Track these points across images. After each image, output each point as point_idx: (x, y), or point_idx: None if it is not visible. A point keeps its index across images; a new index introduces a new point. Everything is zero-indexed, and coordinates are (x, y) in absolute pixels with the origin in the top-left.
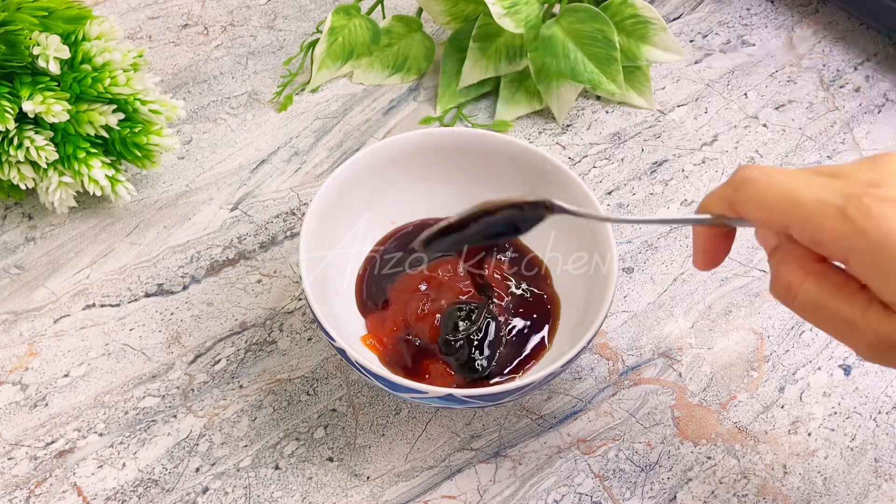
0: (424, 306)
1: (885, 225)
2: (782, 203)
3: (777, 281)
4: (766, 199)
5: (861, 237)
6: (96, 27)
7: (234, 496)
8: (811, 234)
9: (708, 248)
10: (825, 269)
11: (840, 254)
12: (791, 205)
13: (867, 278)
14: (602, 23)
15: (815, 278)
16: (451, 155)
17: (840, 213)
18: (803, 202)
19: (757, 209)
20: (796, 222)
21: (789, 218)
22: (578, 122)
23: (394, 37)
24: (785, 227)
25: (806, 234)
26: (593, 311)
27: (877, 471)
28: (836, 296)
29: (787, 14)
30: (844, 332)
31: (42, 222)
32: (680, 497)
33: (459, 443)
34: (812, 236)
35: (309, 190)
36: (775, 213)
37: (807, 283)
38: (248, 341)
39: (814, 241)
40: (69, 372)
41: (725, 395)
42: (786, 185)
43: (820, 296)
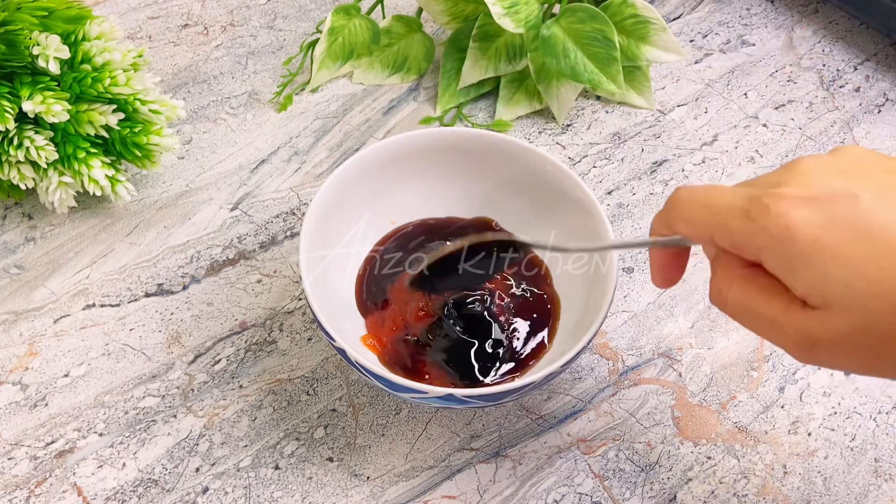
0: (424, 307)
1: (783, 220)
2: (702, 214)
3: (711, 288)
4: (690, 214)
5: (764, 234)
6: (96, 27)
7: (234, 496)
8: (727, 238)
9: (662, 268)
10: (751, 273)
11: (753, 254)
12: (708, 214)
13: (779, 275)
14: (602, 23)
15: (739, 282)
16: (451, 155)
17: (744, 214)
18: (716, 210)
19: (684, 224)
20: (715, 230)
21: (708, 227)
22: (578, 122)
23: (394, 37)
24: (708, 236)
25: (724, 239)
26: (593, 311)
27: (877, 471)
28: (758, 297)
29: (787, 14)
30: (770, 333)
31: (42, 222)
32: (680, 497)
33: (459, 443)
34: (729, 241)
35: (309, 190)
36: (697, 224)
37: (733, 288)
38: (248, 341)
39: (733, 245)
40: (69, 372)
41: (725, 395)
42: (704, 198)
43: (744, 298)
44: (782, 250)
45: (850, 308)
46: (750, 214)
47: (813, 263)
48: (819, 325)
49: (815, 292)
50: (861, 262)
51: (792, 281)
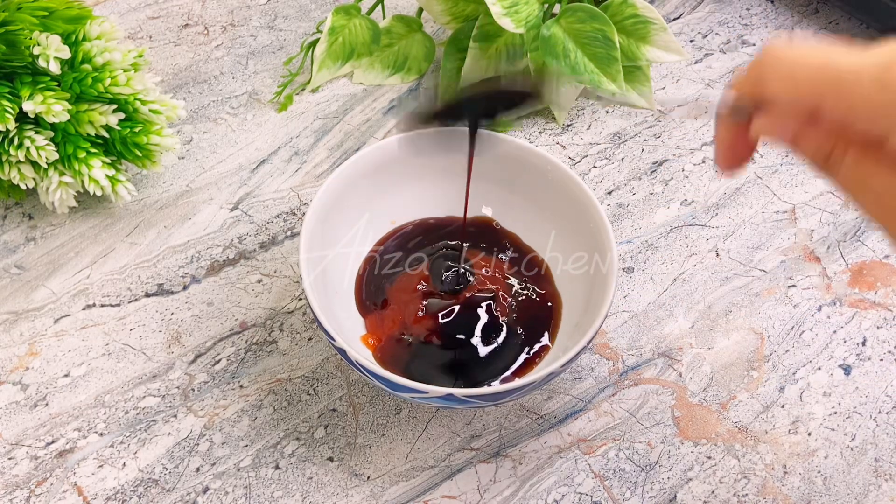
0: (423, 307)
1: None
2: (814, 75)
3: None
4: (796, 72)
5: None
6: (96, 27)
7: (234, 496)
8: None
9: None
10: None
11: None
12: (823, 76)
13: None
14: (602, 22)
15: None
16: (451, 155)
17: (876, 81)
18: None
19: (784, 83)
20: (829, 94)
21: (822, 90)
22: (578, 122)
23: (394, 37)
24: (817, 101)
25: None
26: (593, 311)
27: (877, 471)
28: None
29: (787, 14)
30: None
31: (42, 222)
32: (680, 497)
33: (459, 443)
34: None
35: (309, 190)
36: (806, 86)
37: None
38: (249, 341)
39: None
40: (69, 372)
41: (725, 395)
42: (817, 57)
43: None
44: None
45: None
46: (884, 82)
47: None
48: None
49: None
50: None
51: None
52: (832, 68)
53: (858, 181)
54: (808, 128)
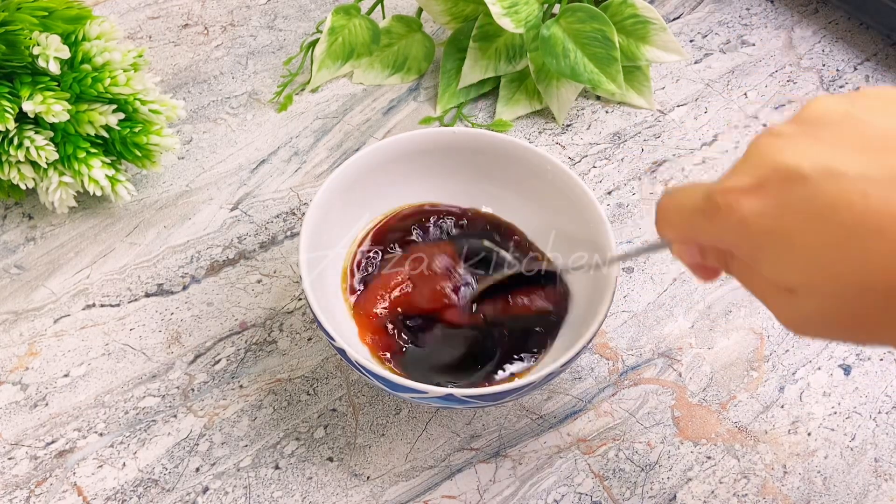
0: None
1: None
2: (677, 218)
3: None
4: (670, 219)
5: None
6: (96, 27)
7: (234, 496)
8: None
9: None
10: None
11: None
12: (680, 218)
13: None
14: (602, 23)
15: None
16: (451, 155)
17: (703, 214)
18: (684, 212)
19: (669, 229)
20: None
21: (683, 231)
22: (578, 122)
23: (394, 37)
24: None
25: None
26: (593, 311)
27: (877, 471)
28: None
29: (787, 14)
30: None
31: (42, 222)
32: (680, 497)
33: (459, 443)
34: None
35: (309, 190)
36: (676, 229)
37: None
38: (248, 341)
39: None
40: (69, 372)
41: (725, 395)
42: (676, 201)
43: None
44: (741, 245)
45: (813, 293)
46: (707, 214)
47: (771, 254)
48: (794, 308)
49: (781, 280)
50: (816, 247)
51: (761, 271)
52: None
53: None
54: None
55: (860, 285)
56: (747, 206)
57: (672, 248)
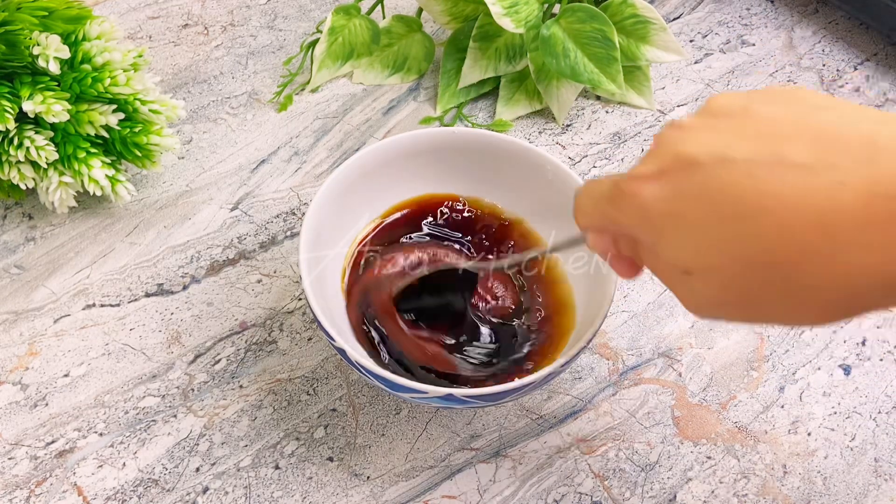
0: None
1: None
2: (587, 206)
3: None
4: (582, 207)
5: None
6: (96, 27)
7: (234, 496)
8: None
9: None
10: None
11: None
12: (591, 205)
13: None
14: (602, 23)
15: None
16: (451, 155)
17: (609, 200)
18: (595, 199)
19: (581, 218)
20: (597, 220)
21: (593, 218)
22: (578, 122)
23: (394, 37)
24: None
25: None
26: (593, 311)
27: (877, 471)
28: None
29: (787, 14)
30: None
31: (42, 222)
32: (680, 497)
33: (459, 443)
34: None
35: (309, 190)
36: (588, 216)
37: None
38: (248, 341)
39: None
40: (69, 372)
41: (725, 395)
42: (587, 189)
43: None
44: (643, 229)
45: (706, 272)
46: (613, 200)
47: (668, 236)
48: (692, 289)
49: (678, 262)
50: (707, 228)
51: (657, 250)
52: (593, 197)
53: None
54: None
55: (745, 262)
56: (648, 191)
57: (587, 238)
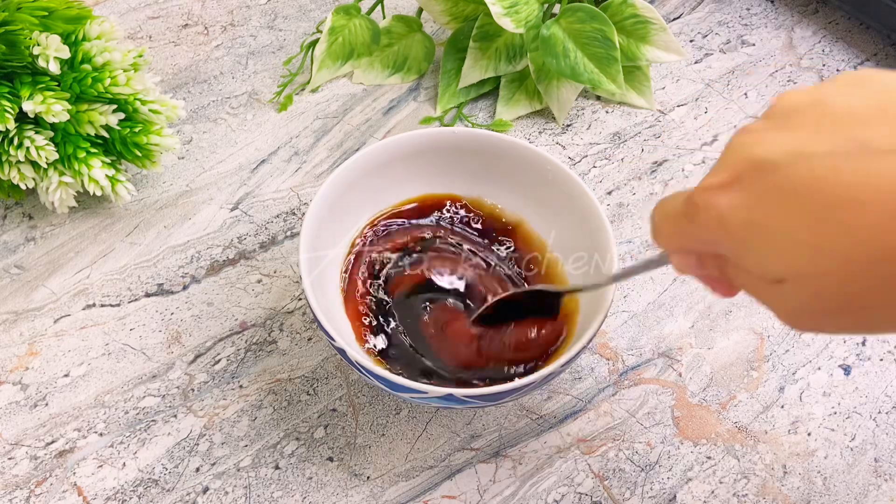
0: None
1: (714, 213)
2: (667, 227)
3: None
4: (662, 229)
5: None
6: (96, 27)
7: (234, 496)
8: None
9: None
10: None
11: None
12: (670, 226)
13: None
14: (602, 23)
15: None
16: (451, 155)
17: (686, 218)
18: (672, 220)
19: (663, 240)
20: (679, 240)
21: (674, 239)
22: (578, 122)
23: (394, 37)
24: (682, 247)
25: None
26: (593, 312)
27: (877, 471)
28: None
29: (787, 14)
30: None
31: (42, 222)
32: (680, 497)
33: (459, 443)
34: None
35: (309, 190)
36: (669, 238)
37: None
38: (248, 341)
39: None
40: (69, 372)
41: (725, 395)
42: (663, 210)
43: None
44: (725, 243)
45: (800, 279)
46: (689, 217)
47: (753, 247)
48: (787, 299)
49: (767, 272)
50: (794, 231)
51: (744, 264)
52: (670, 217)
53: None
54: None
55: (844, 261)
56: (723, 201)
57: (672, 260)
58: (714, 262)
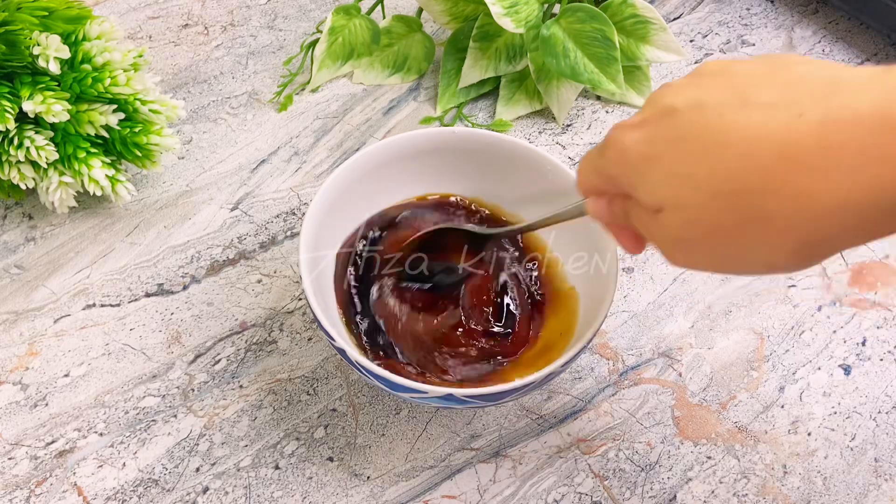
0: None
1: (619, 146)
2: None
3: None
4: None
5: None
6: (96, 27)
7: (234, 496)
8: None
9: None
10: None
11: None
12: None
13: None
14: (602, 23)
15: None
16: (451, 155)
17: (599, 152)
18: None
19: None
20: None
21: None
22: (578, 122)
23: (394, 37)
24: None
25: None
26: (593, 311)
27: (877, 471)
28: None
29: (787, 14)
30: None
31: (42, 222)
32: (680, 497)
33: (459, 442)
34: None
35: (309, 190)
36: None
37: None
38: (249, 341)
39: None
40: (69, 372)
41: (725, 394)
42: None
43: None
44: (623, 171)
45: (677, 206)
46: (601, 151)
47: (643, 174)
48: (664, 227)
49: (651, 198)
50: (678, 163)
51: (635, 194)
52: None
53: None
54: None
55: (711, 192)
56: (629, 137)
57: (587, 206)
58: (620, 206)
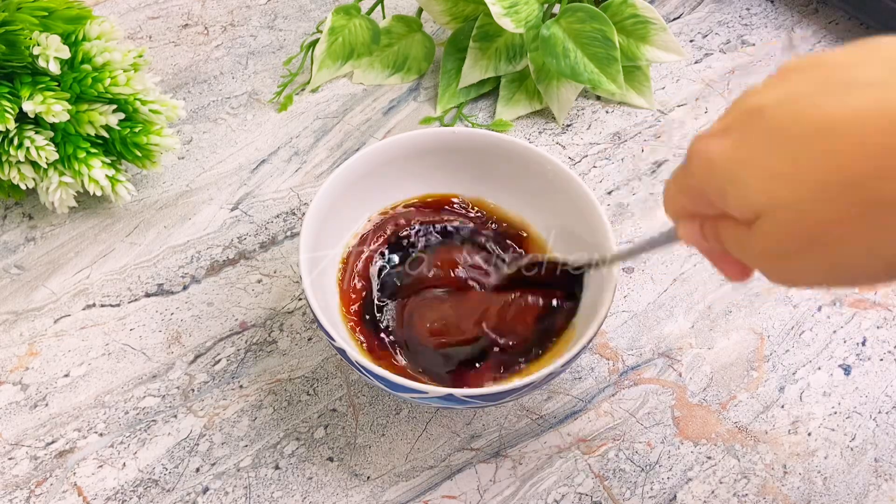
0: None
1: (704, 157)
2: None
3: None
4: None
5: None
6: (96, 27)
7: (234, 496)
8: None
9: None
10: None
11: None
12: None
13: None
14: (602, 23)
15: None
16: (452, 155)
17: (683, 170)
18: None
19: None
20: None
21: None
22: (578, 122)
23: (394, 37)
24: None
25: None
26: (593, 311)
27: (877, 471)
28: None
29: (787, 14)
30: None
31: (42, 222)
32: (680, 497)
33: (459, 443)
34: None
35: (309, 190)
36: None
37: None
38: (249, 341)
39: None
40: (69, 372)
41: (725, 395)
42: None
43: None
44: (711, 183)
45: (776, 209)
46: (684, 168)
47: (734, 181)
48: (763, 236)
49: (745, 206)
50: (774, 162)
51: (727, 206)
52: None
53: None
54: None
55: (818, 187)
56: (714, 146)
57: (677, 230)
58: (712, 229)
